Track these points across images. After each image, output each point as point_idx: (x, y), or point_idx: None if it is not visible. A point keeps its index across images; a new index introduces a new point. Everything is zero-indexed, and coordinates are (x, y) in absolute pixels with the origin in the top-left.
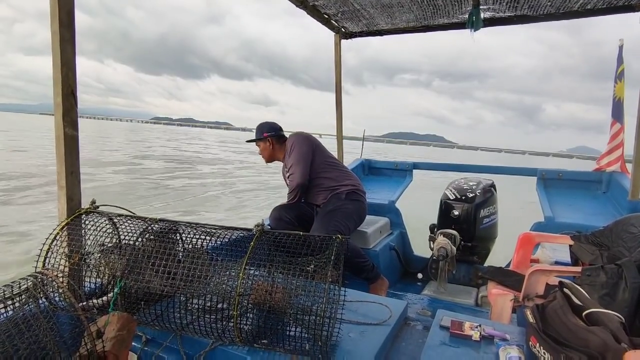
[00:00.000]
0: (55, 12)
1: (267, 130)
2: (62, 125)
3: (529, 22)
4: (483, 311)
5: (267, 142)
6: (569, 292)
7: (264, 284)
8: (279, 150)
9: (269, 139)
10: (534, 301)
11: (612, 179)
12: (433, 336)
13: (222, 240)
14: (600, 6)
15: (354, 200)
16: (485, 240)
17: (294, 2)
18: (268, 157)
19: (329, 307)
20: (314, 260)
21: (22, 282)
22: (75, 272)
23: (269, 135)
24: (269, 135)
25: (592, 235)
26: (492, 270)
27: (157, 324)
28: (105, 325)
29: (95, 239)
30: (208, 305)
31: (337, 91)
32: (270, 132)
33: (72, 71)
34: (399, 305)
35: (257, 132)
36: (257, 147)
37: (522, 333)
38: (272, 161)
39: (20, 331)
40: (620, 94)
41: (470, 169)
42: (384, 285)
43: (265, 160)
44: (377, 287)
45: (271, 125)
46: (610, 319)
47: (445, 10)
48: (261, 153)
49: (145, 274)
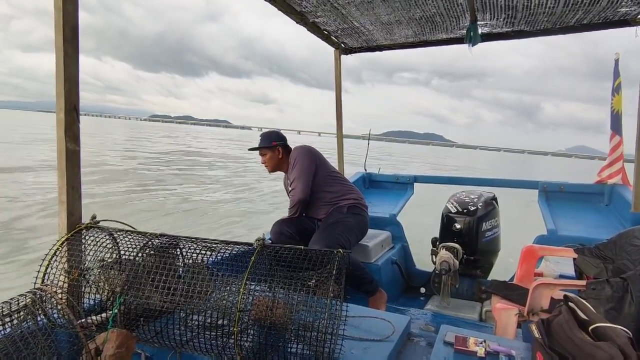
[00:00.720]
0: (60, 28)
1: (276, 139)
2: (64, 140)
3: (526, 37)
4: (487, 326)
5: (276, 151)
6: (574, 306)
7: (265, 300)
8: (284, 161)
9: (279, 148)
10: (539, 315)
11: (614, 192)
12: (437, 353)
13: (222, 255)
14: (597, 21)
15: (356, 214)
16: (488, 254)
17: (294, 19)
18: (273, 167)
19: (331, 323)
20: (315, 274)
21: (21, 298)
22: (74, 288)
23: (279, 144)
24: (279, 144)
25: (596, 248)
26: (495, 284)
27: (157, 341)
28: (104, 342)
29: (95, 254)
30: (208, 322)
31: (337, 104)
32: (279, 141)
33: (74, 87)
34: (401, 321)
35: (264, 140)
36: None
37: (527, 349)
38: (275, 171)
39: (18, 349)
40: (618, 106)
41: (471, 182)
42: (382, 298)
43: (270, 170)
44: (377, 300)
45: (278, 134)
46: (618, 333)
47: (444, 26)
48: (266, 162)
49: (145, 290)
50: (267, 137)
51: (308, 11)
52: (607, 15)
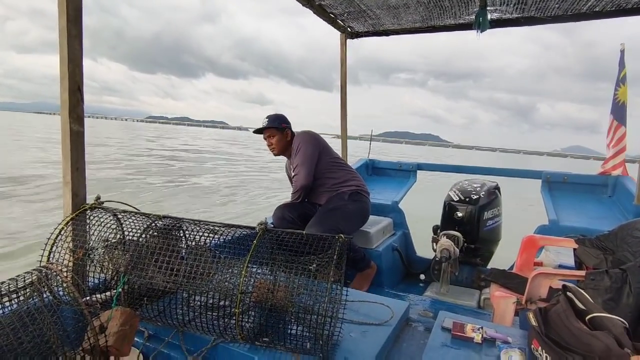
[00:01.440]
0: (63, 9)
1: (285, 121)
2: (68, 121)
3: (536, 23)
4: (485, 313)
5: (285, 133)
6: (572, 296)
7: (266, 282)
8: (289, 145)
9: (288, 130)
10: (536, 304)
11: (618, 183)
12: (434, 337)
13: (225, 238)
14: (609, 8)
15: (356, 201)
16: (489, 243)
17: (300, 1)
18: (280, 150)
19: (331, 307)
20: (316, 259)
21: (27, 275)
22: (79, 267)
23: (287, 126)
24: (287, 126)
25: (596, 239)
26: (495, 273)
27: (160, 320)
28: (108, 320)
29: (99, 234)
30: (210, 303)
31: (343, 90)
32: (288, 124)
33: (78, 67)
34: (400, 306)
35: (273, 121)
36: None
37: (524, 336)
38: (281, 154)
39: (25, 324)
40: (624, 97)
41: (474, 171)
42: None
43: (276, 153)
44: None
45: (284, 117)
46: (614, 323)
47: (452, 11)
48: (273, 144)
49: (149, 270)
50: (276, 118)
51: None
52: (620, 2)
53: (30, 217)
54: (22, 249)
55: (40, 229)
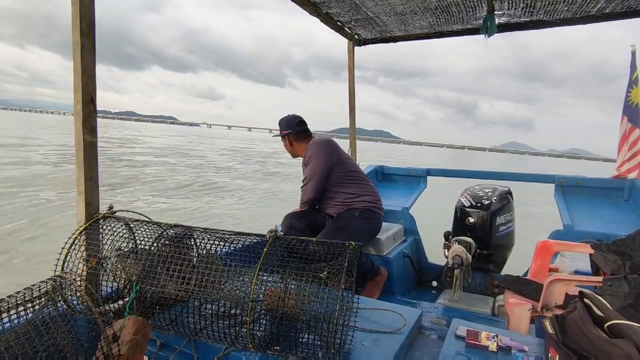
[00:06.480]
0: (77, 22)
1: (284, 127)
2: (81, 131)
3: (544, 27)
4: (500, 321)
5: (286, 140)
6: (589, 302)
7: (277, 290)
8: (299, 148)
9: (287, 137)
10: (553, 311)
11: (634, 186)
12: (448, 346)
13: (235, 246)
14: (619, 10)
15: (367, 219)
16: (502, 249)
17: (308, 10)
18: (292, 154)
19: (342, 315)
20: (327, 267)
21: (42, 285)
22: (92, 276)
23: (287, 133)
24: (287, 133)
25: (613, 244)
26: (509, 279)
27: (172, 328)
28: (121, 329)
29: (112, 243)
30: (221, 311)
31: (351, 97)
32: (287, 129)
33: (92, 79)
34: (413, 314)
35: (279, 128)
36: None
37: (540, 344)
38: (296, 157)
39: (40, 333)
40: (637, 99)
41: (485, 176)
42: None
43: (292, 156)
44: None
45: (288, 121)
46: (635, 331)
47: (460, 16)
48: (285, 148)
49: (160, 279)
50: (279, 124)
51: (321, 2)
52: (630, 4)
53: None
54: None
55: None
